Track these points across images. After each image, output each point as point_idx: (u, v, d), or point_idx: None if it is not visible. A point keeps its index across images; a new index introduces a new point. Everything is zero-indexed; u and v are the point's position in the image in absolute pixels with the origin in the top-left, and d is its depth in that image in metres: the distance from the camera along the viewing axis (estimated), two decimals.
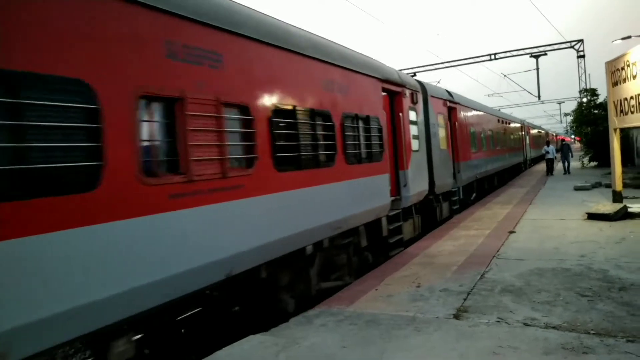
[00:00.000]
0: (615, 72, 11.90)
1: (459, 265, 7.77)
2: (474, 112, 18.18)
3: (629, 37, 21.85)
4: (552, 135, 76.79)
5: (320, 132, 6.76)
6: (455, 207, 14.19)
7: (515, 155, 29.10)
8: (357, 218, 7.79)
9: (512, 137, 28.71)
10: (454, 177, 14.37)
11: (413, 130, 10.68)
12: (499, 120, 24.29)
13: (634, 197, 13.85)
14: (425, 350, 4.53)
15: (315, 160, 6.59)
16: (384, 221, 9.02)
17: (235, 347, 4.88)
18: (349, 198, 7.45)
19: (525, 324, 5.04)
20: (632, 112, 10.98)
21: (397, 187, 9.82)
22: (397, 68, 12.66)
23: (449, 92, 15.02)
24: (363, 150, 8.07)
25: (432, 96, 12.55)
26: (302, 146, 6.29)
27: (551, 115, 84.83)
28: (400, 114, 9.94)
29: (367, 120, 8.25)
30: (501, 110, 33.69)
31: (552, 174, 26.07)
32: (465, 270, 7.44)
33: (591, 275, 6.63)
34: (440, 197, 12.82)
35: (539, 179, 24.57)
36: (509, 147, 26.99)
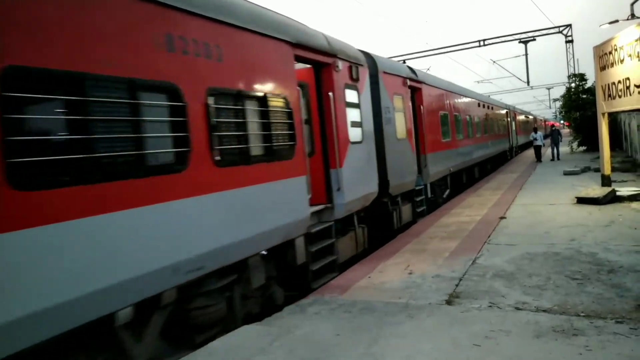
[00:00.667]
0: (603, 56, 11.95)
1: (450, 252, 7.83)
2: (447, 94, 15.60)
3: (617, 21, 21.91)
4: (541, 120, 76.63)
5: (152, 118, 4.31)
6: (420, 209, 11.87)
7: (499, 143, 26.98)
8: (243, 247, 5.32)
9: (495, 123, 26.50)
10: (419, 172, 12.07)
11: (353, 115, 8.22)
12: (479, 105, 21.84)
13: (622, 181, 14.03)
14: (419, 336, 4.57)
15: (135, 163, 4.06)
16: (300, 243, 6.54)
17: (230, 338, 4.89)
18: (221, 219, 4.98)
19: (517, 308, 5.10)
20: (619, 97, 11.05)
21: (328, 191, 7.53)
22: (387, 55, 12.11)
23: (412, 69, 12.65)
24: (255, 145, 5.64)
25: (385, 72, 10.11)
26: (95, 143, 3.74)
27: (540, 101, 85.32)
28: (331, 93, 7.45)
29: (263, 100, 5.84)
30: (491, 97, 33.67)
31: (540, 161, 25.52)
32: (456, 256, 7.50)
33: (581, 259, 6.71)
34: (399, 198, 10.54)
35: (528, 165, 24.67)
36: (492, 134, 24.73)
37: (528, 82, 40.51)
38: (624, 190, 11.66)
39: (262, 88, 5.90)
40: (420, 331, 4.69)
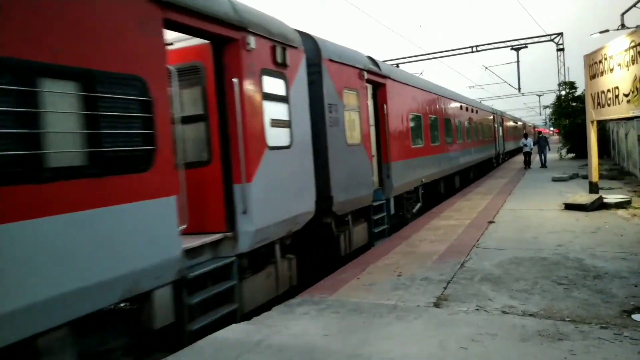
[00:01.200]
0: (593, 65, 12.10)
1: (439, 255, 7.87)
2: (420, 94, 13.58)
3: (607, 30, 22.22)
4: (530, 127, 76.58)
5: None
6: (379, 230, 9.92)
7: (484, 150, 25.32)
8: (15, 322, 3.22)
9: (480, 128, 24.61)
10: (381, 184, 10.36)
11: (275, 111, 6.33)
12: (462, 107, 19.94)
13: (610, 188, 14.20)
14: (407, 337, 4.59)
15: None
16: (163, 296, 4.55)
17: (217, 336, 4.87)
18: None
19: (504, 312, 5.14)
20: (608, 105, 11.20)
21: (230, 215, 5.64)
22: (381, 59, 11.58)
23: (373, 60, 10.40)
24: (60, 150, 3.63)
25: (331, 60, 8.15)
26: None
27: (531, 108, 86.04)
28: (235, 79, 5.59)
29: (87, 81, 3.81)
30: (482, 102, 33.83)
31: (529, 167, 25.43)
32: (445, 259, 7.54)
33: (567, 264, 6.78)
34: (349, 217, 8.66)
35: (516, 172, 24.71)
36: (476, 140, 22.92)
37: (519, 89, 40.86)
38: (610, 198, 11.80)
39: (87, 62, 3.82)
40: (408, 333, 4.71)
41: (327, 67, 8.02)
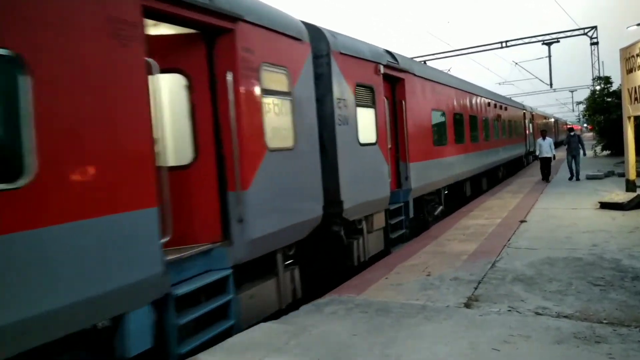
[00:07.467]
0: (630, 59, 11.69)
1: (469, 254, 7.74)
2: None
3: None
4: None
5: None
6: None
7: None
8: None
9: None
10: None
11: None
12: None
13: None
14: (436, 338, 4.53)
15: None
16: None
17: (246, 335, 4.91)
18: None
19: (537, 313, 5.01)
20: None
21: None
22: (409, 55, 11.08)
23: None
24: None
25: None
26: None
27: (563, 104, 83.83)
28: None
29: None
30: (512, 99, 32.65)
31: (548, 181, 17.87)
32: (475, 259, 7.41)
33: (603, 265, 6.57)
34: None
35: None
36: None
37: (551, 85, 39.89)
38: None
39: None
40: (438, 334, 4.64)
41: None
